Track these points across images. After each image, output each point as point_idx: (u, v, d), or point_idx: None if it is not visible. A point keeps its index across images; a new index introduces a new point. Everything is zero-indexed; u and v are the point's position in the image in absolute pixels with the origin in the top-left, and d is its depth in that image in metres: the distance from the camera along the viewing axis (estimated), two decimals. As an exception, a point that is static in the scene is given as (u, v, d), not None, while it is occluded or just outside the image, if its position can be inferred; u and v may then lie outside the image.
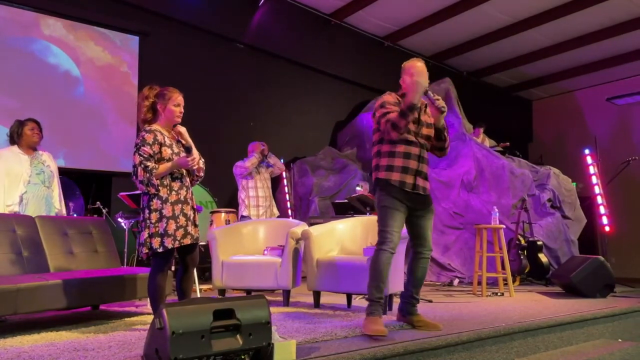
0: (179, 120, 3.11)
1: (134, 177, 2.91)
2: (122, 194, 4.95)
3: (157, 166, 2.93)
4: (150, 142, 2.94)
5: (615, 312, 3.92)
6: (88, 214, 5.59)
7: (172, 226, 2.93)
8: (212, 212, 5.60)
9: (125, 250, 5.07)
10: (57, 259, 3.71)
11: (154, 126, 3.05)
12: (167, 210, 2.93)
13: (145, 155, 2.90)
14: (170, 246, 2.91)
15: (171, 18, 6.83)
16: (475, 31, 8.60)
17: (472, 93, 9.88)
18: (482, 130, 7.97)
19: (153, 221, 2.91)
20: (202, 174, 3.22)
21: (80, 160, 6.04)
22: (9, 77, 5.71)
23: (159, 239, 2.89)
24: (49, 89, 5.96)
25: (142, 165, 2.88)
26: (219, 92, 7.22)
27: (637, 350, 3.58)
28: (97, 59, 6.33)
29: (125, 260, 5.08)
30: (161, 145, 2.99)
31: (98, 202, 5.50)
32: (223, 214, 5.57)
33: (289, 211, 7.50)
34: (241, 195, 5.96)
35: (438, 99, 3.05)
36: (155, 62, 6.65)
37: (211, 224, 5.48)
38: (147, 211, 2.93)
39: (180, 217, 2.98)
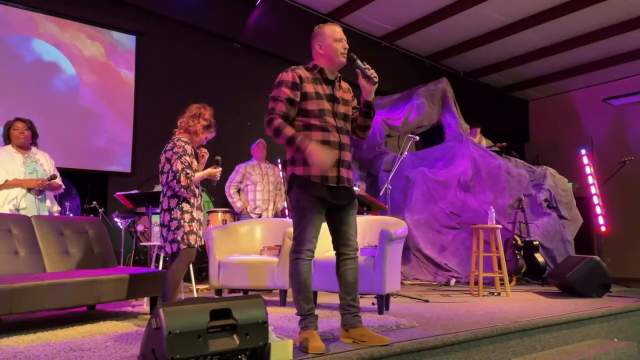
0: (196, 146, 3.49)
1: (175, 181, 3.20)
2: (118, 193, 4.94)
3: (194, 174, 3.29)
4: (190, 153, 3.31)
5: (611, 312, 3.92)
6: (84, 213, 5.58)
7: (196, 228, 3.32)
8: (209, 212, 5.61)
9: (122, 250, 5.07)
10: (53, 259, 3.70)
11: (187, 138, 3.35)
12: (195, 214, 3.31)
13: (186, 164, 3.25)
14: (199, 245, 3.31)
15: (168, 17, 6.82)
16: (472, 31, 8.62)
17: (469, 93, 9.90)
18: (478, 130, 7.99)
19: (187, 220, 3.24)
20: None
21: (76, 159, 6.02)
22: (4, 76, 5.69)
23: (194, 236, 3.25)
24: (45, 88, 5.94)
25: (184, 172, 3.22)
26: (216, 92, 7.20)
27: (633, 350, 3.59)
28: (94, 58, 6.31)
29: (122, 260, 5.07)
30: (193, 157, 3.36)
31: (94, 202, 5.49)
32: (220, 214, 5.58)
33: (287, 211, 7.49)
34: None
35: (369, 68, 2.61)
36: (152, 61, 6.64)
37: (208, 224, 5.48)
38: (178, 212, 3.23)
39: (199, 221, 3.36)
